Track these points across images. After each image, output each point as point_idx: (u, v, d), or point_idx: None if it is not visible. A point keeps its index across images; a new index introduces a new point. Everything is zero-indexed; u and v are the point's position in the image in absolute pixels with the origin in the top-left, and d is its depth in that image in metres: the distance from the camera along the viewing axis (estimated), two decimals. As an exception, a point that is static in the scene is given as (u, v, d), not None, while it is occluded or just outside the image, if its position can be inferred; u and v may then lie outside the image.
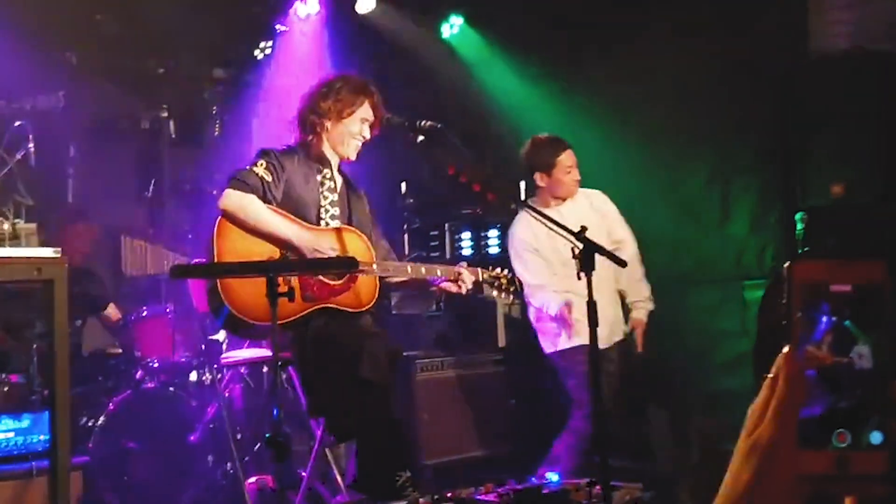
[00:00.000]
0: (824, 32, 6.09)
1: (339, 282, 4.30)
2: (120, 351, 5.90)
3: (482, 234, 7.12)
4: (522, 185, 6.63)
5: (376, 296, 4.44)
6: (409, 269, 4.57)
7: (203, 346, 5.43)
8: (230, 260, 4.13)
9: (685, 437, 5.49)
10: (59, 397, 3.96)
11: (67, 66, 6.94)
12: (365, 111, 4.48)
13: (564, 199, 5.49)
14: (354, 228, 4.47)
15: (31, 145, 5.61)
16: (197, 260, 4.96)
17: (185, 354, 5.76)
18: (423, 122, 4.28)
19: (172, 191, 7.12)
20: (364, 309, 4.41)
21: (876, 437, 0.79)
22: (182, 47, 7.39)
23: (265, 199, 4.24)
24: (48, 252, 3.90)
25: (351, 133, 4.46)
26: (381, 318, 6.31)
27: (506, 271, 4.73)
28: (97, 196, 6.82)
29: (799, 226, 5.36)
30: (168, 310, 5.85)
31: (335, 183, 4.51)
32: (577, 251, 3.73)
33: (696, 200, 6.07)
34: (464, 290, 4.53)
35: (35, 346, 5.20)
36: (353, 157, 4.54)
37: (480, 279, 4.59)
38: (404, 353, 5.03)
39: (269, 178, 4.25)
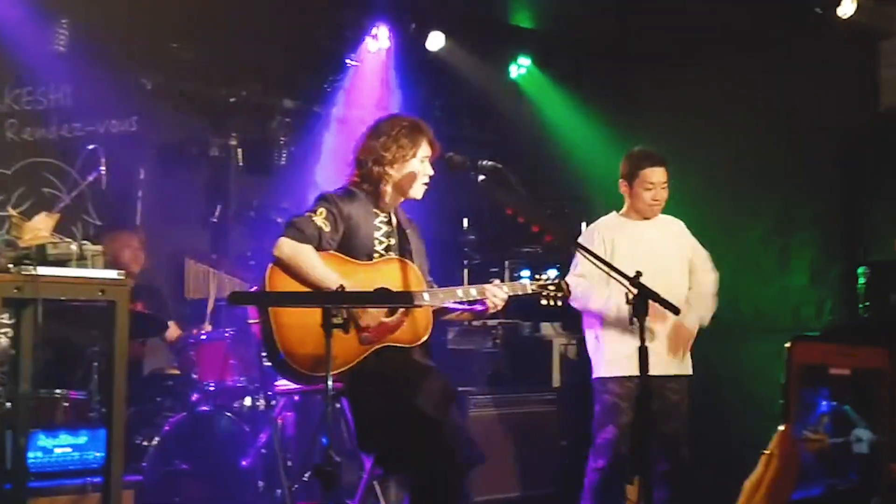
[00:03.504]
0: (894, 87, 6.04)
1: (394, 317, 4.28)
2: (178, 372, 5.98)
3: (541, 274, 7.11)
4: (584, 226, 6.64)
5: (431, 326, 4.41)
6: (460, 293, 4.39)
7: (259, 373, 5.49)
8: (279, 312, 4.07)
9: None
10: (116, 416, 4.06)
11: (142, 92, 7.09)
12: (424, 149, 4.42)
13: (645, 217, 5.39)
14: (403, 258, 4.40)
15: (102, 168, 5.75)
16: (256, 287, 5.02)
17: (240, 379, 5.83)
18: (483, 162, 4.26)
19: (237, 217, 7.21)
20: (419, 343, 4.39)
21: (874, 519, 0.78)
22: (253, 77, 7.52)
23: (320, 248, 4.19)
24: (112, 274, 4.01)
25: (416, 176, 4.40)
26: (437, 353, 6.33)
27: (552, 277, 4.58)
28: (164, 219, 6.94)
29: (861, 280, 5.30)
30: (227, 334, 5.92)
31: (392, 223, 4.46)
32: (630, 297, 3.69)
33: (755, 249, 6.02)
34: (491, 305, 4.32)
35: (96, 363, 5.28)
36: (419, 197, 4.47)
37: (529, 291, 4.47)
38: (458, 389, 5.01)
39: (326, 229, 4.19)
